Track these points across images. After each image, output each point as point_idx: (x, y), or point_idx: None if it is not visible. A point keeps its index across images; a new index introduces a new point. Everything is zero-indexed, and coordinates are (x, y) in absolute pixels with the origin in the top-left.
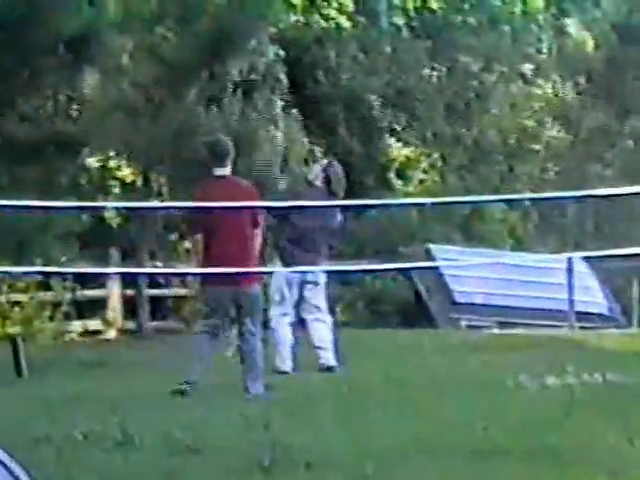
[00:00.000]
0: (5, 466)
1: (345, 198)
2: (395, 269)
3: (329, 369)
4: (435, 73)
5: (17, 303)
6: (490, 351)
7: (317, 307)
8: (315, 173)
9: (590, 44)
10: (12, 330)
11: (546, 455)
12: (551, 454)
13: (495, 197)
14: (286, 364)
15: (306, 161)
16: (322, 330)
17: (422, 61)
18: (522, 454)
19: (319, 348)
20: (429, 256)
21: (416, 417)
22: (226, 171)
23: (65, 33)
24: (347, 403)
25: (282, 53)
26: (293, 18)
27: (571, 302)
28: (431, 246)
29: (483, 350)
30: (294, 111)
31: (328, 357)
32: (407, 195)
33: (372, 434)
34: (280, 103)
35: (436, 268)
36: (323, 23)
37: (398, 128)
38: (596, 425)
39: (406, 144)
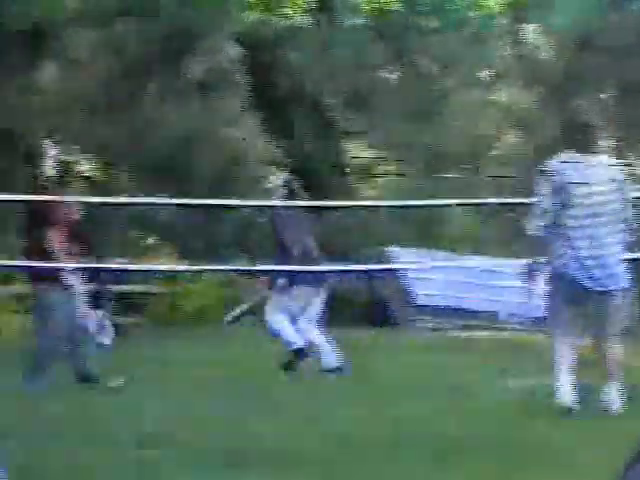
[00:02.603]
0: None
1: (306, 199)
2: (358, 271)
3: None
4: (394, 75)
5: None
6: (451, 353)
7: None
8: (275, 185)
9: (548, 51)
10: None
11: (508, 456)
12: (512, 455)
13: (455, 201)
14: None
15: (268, 162)
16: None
17: (381, 63)
18: (484, 454)
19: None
20: (390, 258)
21: (378, 416)
22: None
23: (24, 26)
24: (311, 400)
25: (241, 52)
26: (251, 17)
27: (530, 306)
28: (392, 248)
29: (444, 352)
30: (255, 110)
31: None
32: (367, 198)
33: (339, 431)
34: (239, 102)
35: (397, 270)
36: (282, 23)
37: (358, 130)
38: (556, 427)
39: (366, 147)
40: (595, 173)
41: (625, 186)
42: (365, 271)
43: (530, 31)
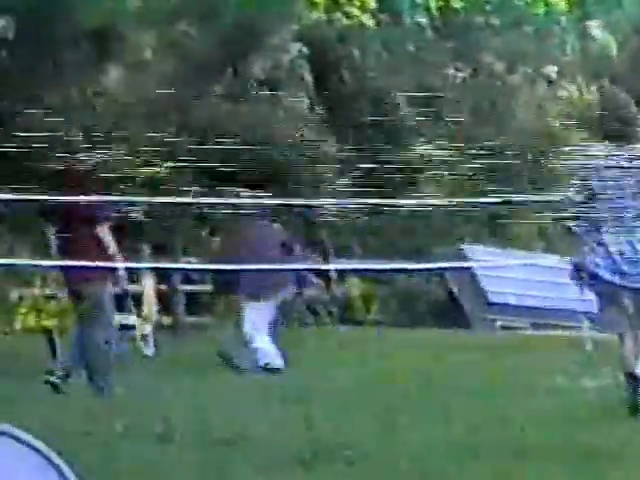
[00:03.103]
0: (45, 457)
1: (374, 197)
2: (430, 269)
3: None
4: (459, 73)
5: (51, 297)
6: (525, 352)
7: None
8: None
9: (614, 46)
10: (47, 323)
11: (583, 456)
12: (588, 455)
13: (526, 198)
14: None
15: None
16: None
17: (445, 61)
18: (559, 455)
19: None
20: (462, 256)
21: (452, 417)
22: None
23: (88, 27)
24: (383, 401)
25: (306, 51)
26: (316, 16)
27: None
28: (465, 246)
29: (518, 351)
30: (319, 109)
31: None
32: (435, 196)
33: (409, 432)
34: (306, 101)
35: (470, 268)
36: (346, 21)
37: (424, 128)
38: (633, 426)
39: (433, 144)
40: (629, 165)
41: None
42: (437, 270)
43: (595, 27)
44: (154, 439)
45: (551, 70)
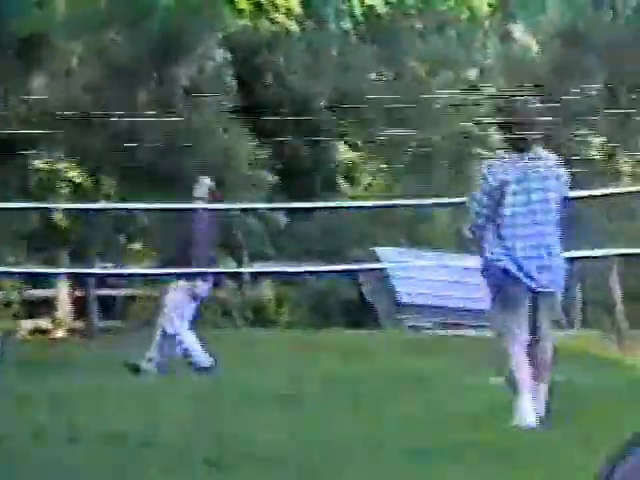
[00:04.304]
0: None
1: (293, 200)
2: (341, 271)
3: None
4: (382, 78)
5: None
6: (433, 351)
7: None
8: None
9: (535, 49)
10: None
11: (487, 454)
12: (492, 453)
13: (442, 200)
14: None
15: (255, 164)
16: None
17: (369, 65)
18: (463, 452)
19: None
20: (375, 258)
21: (363, 416)
22: None
23: (14, 35)
24: (291, 400)
25: (230, 57)
26: (241, 22)
27: None
28: (377, 248)
29: (426, 351)
30: (241, 114)
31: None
32: (354, 198)
33: (316, 430)
34: (228, 106)
35: (382, 269)
36: (271, 27)
37: (345, 131)
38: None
39: (353, 147)
40: (530, 171)
41: (563, 184)
42: (350, 271)
43: (516, 30)
44: (62, 441)
45: (472, 73)
